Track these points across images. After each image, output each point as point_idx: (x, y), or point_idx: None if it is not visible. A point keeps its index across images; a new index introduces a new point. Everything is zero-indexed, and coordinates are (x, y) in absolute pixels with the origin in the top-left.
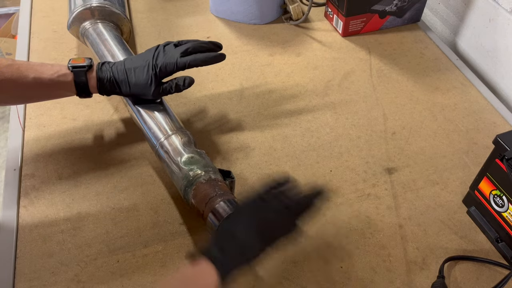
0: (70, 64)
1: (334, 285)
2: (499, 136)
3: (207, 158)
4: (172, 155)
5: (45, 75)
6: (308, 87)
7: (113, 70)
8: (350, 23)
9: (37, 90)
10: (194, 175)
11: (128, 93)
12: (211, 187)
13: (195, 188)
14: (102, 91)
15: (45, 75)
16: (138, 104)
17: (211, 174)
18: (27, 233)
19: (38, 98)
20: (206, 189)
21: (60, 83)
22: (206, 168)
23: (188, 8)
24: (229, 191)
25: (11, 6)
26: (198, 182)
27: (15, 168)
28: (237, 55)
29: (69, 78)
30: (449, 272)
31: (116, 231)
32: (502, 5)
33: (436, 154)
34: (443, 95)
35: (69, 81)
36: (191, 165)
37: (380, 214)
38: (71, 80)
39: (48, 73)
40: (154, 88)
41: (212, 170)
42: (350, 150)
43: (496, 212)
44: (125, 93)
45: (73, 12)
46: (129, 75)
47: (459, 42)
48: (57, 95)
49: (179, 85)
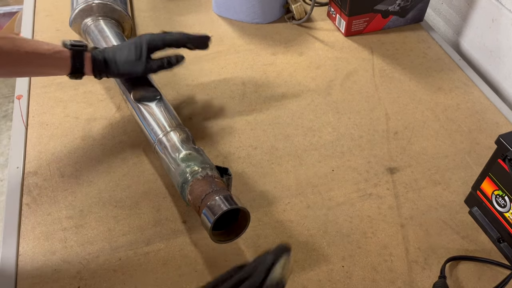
0: (70, 42)
1: (335, 285)
2: (502, 136)
3: (204, 155)
4: (170, 152)
5: (40, 50)
6: (310, 86)
7: (104, 51)
8: (352, 22)
9: (30, 64)
10: (191, 172)
11: (118, 72)
12: (207, 183)
13: (192, 184)
14: (96, 72)
15: (40, 50)
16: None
17: (208, 171)
18: (30, 230)
19: (30, 73)
20: (203, 185)
21: (55, 59)
22: (203, 165)
23: (190, 7)
24: (226, 188)
25: (14, 5)
26: (195, 178)
27: (18, 166)
28: (239, 54)
29: (65, 55)
30: (451, 272)
31: (118, 229)
32: (506, 5)
33: (438, 154)
34: (446, 95)
35: (64, 58)
36: (189, 162)
37: (381, 214)
38: (67, 57)
39: (43, 47)
40: (143, 64)
41: (209, 167)
42: (352, 150)
43: (498, 212)
44: (115, 71)
45: (75, 9)
46: (117, 53)
47: (462, 42)
48: (49, 72)
49: (171, 62)
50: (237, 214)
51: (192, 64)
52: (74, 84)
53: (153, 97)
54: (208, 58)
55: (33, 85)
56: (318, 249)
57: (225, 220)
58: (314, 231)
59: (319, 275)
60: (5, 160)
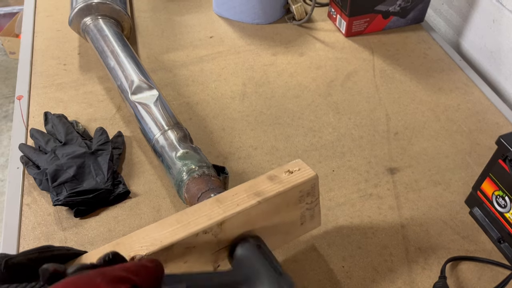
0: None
1: (335, 285)
2: (502, 136)
3: (202, 153)
4: (167, 150)
5: None
6: (310, 87)
7: None
8: (353, 23)
9: None
10: (188, 170)
11: None
12: (204, 182)
13: (188, 183)
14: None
15: None
16: (136, 99)
17: (204, 170)
18: (30, 231)
19: None
20: (199, 184)
21: None
22: (200, 164)
23: (191, 7)
24: (222, 186)
25: (14, 5)
26: (191, 177)
27: (18, 167)
28: (240, 55)
29: None
30: (451, 272)
31: (119, 230)
32: (506, 6)
33: (438, 155)
34: (446, 95)
35: None
36: (186, 160)
37: (382, 214)
38: None
39: None
40: None
41: (206, 166)
42: (353, 150)
43: (499, 213)
44: None
45: (74, 8)
46: None
47: (462, 42)
48: None
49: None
50: None
51: (193, 64)
52: (75, 84)
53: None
54: (209, 58)
55: (34, 85)
56: (318, 249)
57: None
58: (314, 231)
59: (319, 275)
60: (5, 161)
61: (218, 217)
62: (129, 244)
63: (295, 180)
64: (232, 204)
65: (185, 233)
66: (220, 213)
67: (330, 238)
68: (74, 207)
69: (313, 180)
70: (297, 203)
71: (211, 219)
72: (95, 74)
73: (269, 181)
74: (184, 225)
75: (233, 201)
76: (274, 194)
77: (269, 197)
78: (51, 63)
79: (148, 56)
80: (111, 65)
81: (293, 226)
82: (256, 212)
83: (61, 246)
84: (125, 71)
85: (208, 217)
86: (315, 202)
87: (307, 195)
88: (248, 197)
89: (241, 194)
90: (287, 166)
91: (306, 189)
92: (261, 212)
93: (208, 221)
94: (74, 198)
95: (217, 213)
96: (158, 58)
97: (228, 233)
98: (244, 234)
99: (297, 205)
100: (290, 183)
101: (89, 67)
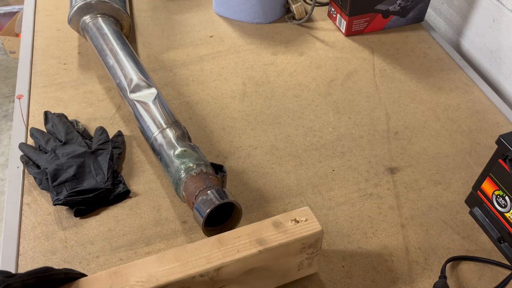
0: None
1: (335, 285)
2: (502, 136)
3: (200, 152)
4: (165, 148)
5: None
6: (310, 86)
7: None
8: (353, 22)
9: None
10: (186, 168)
11: None
12: (201, 180)
13: (186, 181)
14: None
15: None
16: (134, 97)
17: (202, 168)
18: (30, 230)
19: None
20: (197, 182)
21: None
22: (198, 162)
23: (191, 7)
24: (220, 184)
25: (15, 5)
26: (189, 175)
27: (19, 166)
28: (240, 54)
29: None
30: (451, 272)
31: (119, 229)
32: (506, 5)
33: (438, 154)
34: (446, 95)
35: None
36: (184, 159)
37: (382, 214)
38: None
39: None
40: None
41: (204, 164)
42: (353, 150)
43: (499, 213)
44: None
45: (74, 6)
46: None
47: (462, 42)
48: None
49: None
50: (231, 210)
51: (193, 64)
52: (75, 84)
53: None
54: (209, 58)
55: (34, 85)
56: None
57: (219, 216)
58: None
59: (319, 275)
60: (5, 160)
61: (217, 262)
62: (126, 276)
63: (299, 232)
64: (233, 249)
65: (182, 274)
66: (219, 257)
67: (330, 238)
68: (74, 207)
69: (318, 235)
70: (298, 253)
71: (210, 263)
72: (95, 74)
73: (274, 228)
74: (182, 265)
75: (234, 245)
76: (276, 245)
77: (271, 247)
78: (51, 63)
79: (148, 56)
80: (110, 64)
81: (290, 271)
82: (256, 259)
83: (59, 270)
84: (124, 69)
85: (207, 260)
86: (316, 253)
87: (309, 247)
88: (250, 243)
89: (243, 238)
90: (295, 213)
91: (309, 242)
92: (260, 259)
93: (207, 265)
94: (74, 197)
95: (217, 257)
96: (158, 58)
97: (223, 276)
98: None
99: (297, 255)
100: (294, 235)
101: (89, 67)
